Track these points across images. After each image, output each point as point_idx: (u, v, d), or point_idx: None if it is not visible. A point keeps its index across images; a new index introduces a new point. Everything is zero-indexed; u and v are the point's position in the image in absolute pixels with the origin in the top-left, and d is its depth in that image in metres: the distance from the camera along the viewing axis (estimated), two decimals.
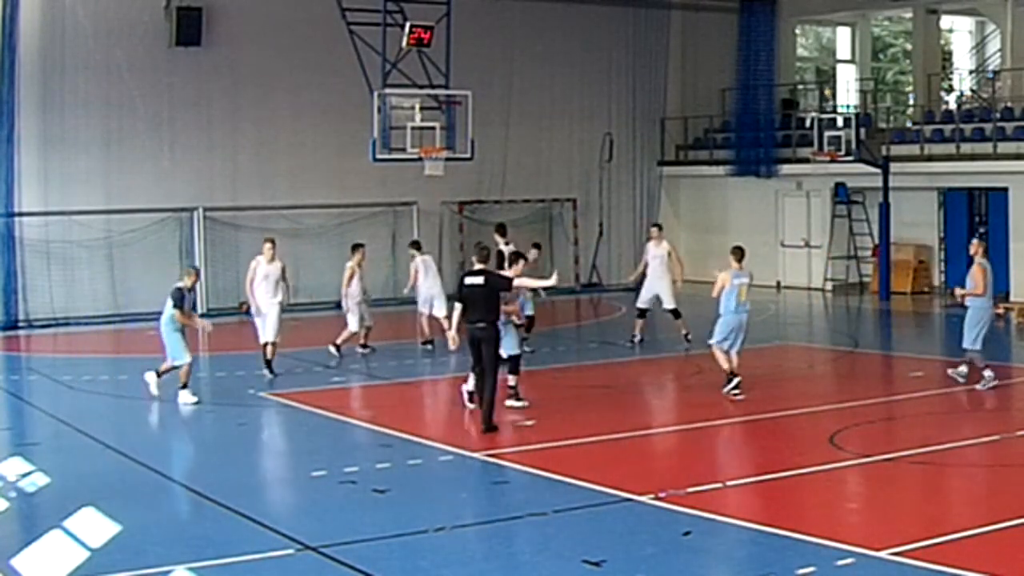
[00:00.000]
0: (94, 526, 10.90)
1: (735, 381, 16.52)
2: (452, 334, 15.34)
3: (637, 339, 21.07)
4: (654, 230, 22.22)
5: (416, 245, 22.27)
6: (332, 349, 20.43)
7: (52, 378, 19.14)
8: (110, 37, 26.31)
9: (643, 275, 21.65)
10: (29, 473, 12.98)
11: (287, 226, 28.24)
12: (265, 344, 18.74)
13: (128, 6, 26.57)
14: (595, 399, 17.35)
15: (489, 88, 28.56)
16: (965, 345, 17.52)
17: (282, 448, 14.54)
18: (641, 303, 21.41)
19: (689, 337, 20.63)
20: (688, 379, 18.84)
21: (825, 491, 12.15)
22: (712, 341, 17.02)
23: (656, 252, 21.30)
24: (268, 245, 18.92)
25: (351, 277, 20.57)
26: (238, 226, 27.72)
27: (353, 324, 20.59)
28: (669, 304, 20.95)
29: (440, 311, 20.77)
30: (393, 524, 10.77)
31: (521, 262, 16.10)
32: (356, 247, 21.14)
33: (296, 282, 27.97)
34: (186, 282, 16.83)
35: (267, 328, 18.69)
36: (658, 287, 21.19)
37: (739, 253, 17.27)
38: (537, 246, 21.68)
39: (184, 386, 16.69)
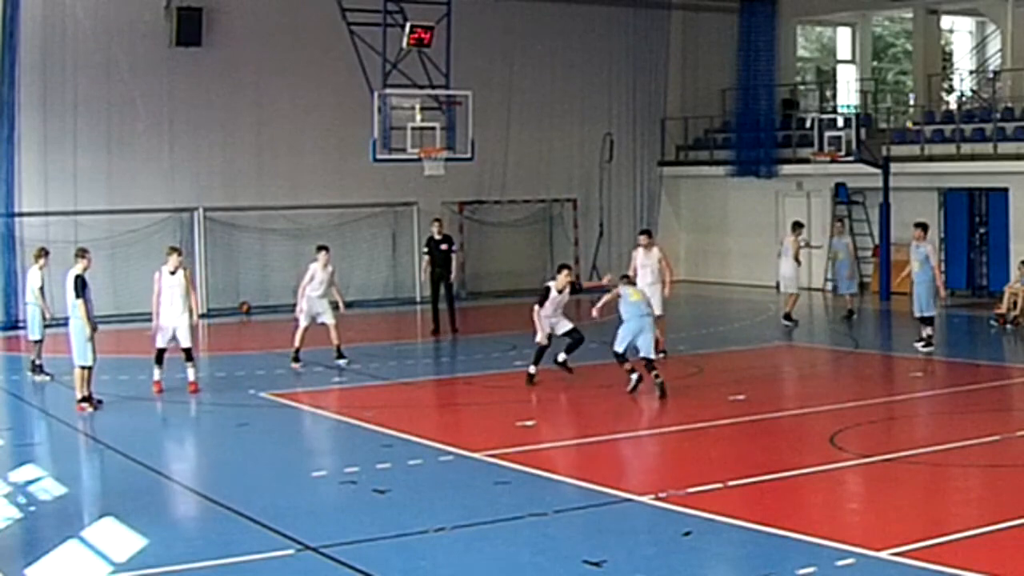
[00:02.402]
0: (94, 527, 10.91)
1: (634, 378, 16.97)
2: None
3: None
4: (643, 237, 20.99)
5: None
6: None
7: (53, 378, 19.11)
8: (110, 37, 26.33)
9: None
10: (37, 479, 12.97)
11: (287, 226, 28.27)
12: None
13: (128, 6, 26.58)
14: (595, 399, 17.34)
15: (489, 88, 28.56)
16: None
17: (282, 448, 14.53)
18: None
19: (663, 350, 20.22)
20: (688, 379, 18.82)
21: (825, 491, 12.15)
22: (616, 348, 17.12)
23: (646, 260, 20.37)
24: (323, 253, 20.06)
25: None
26: (238, 226, 27.73)
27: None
28: (657, 311, 20.38)
29: None
30: (393, 524, 10.77)
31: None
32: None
33: (296, 282, 28.07)
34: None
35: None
36: (649, 294, 20.60)
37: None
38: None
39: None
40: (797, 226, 25.69)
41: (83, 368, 16.47)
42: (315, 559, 9.90)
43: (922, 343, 20.55)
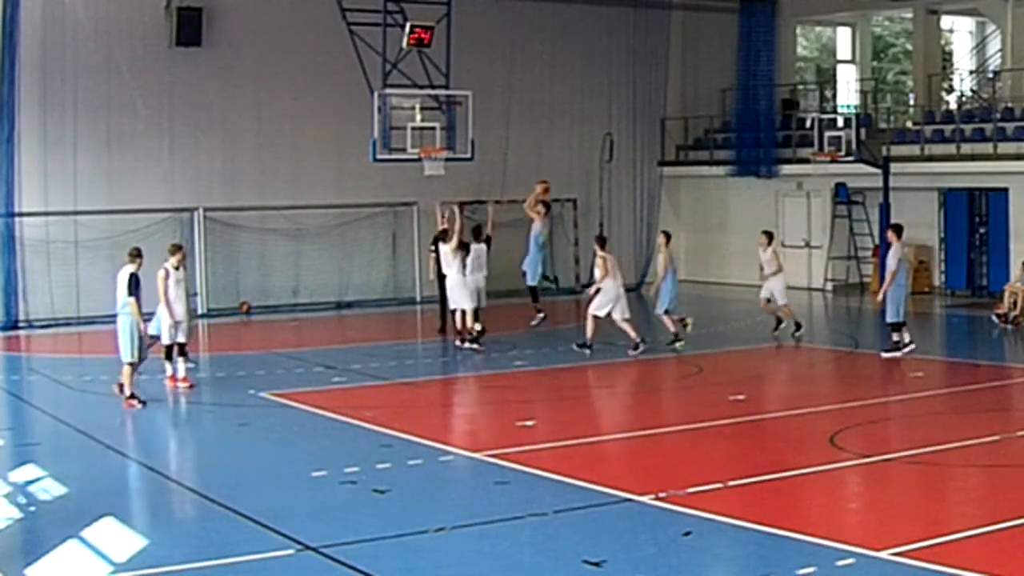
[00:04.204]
0: (94, 527, 10.90)
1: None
2: None
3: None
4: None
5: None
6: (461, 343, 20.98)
7: (52, 378, 19.13)
8: (110, 37, 26.32)
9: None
10: (37, 479, 12.98)
11: (287, 226, 28.27)
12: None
13: (128, 6, 26.58)
14: (595, 399, 17.34)
15: (489, 88, 28.57)
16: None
17: (282, 448, 14.53)
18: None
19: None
20: (688, 379, 18.84)
21: (825, 491, 12.15)
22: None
23: (597, 264, 21.10)
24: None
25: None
26: (238, 226, 27.73)
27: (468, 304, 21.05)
28: (598, 312, 20.77)
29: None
30: (393, 524, 10.77)
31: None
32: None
33: (296, 282, 28.07)
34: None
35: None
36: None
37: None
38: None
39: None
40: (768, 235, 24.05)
41: (130, 365, 16.51)
42: (315, 559, 9.90)
43: (892, 352, 19.79)
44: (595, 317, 20.41)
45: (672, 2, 32.91)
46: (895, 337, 19.96)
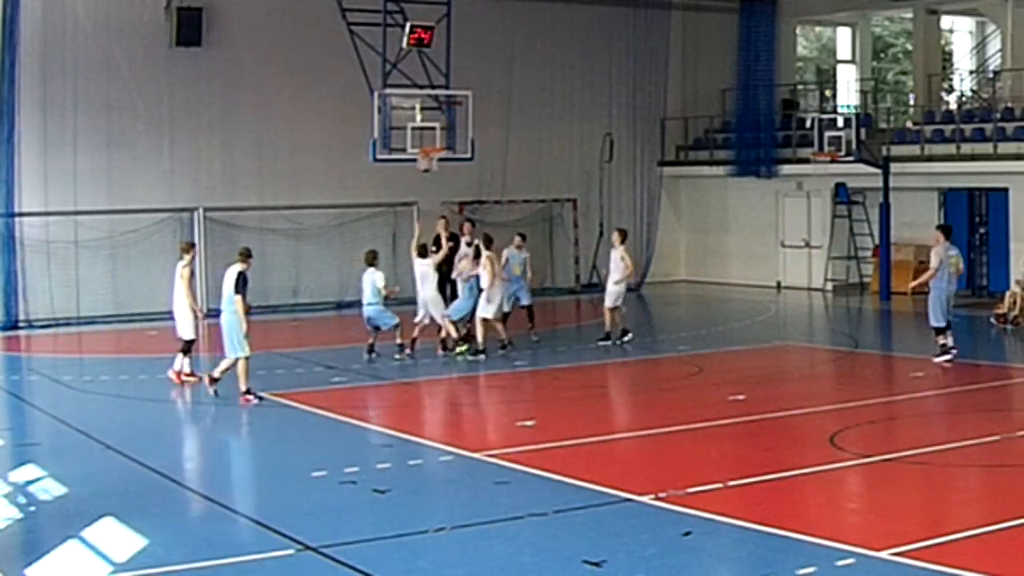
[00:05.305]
0: (94, 527, 10.91)
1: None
2: None
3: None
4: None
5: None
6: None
7: (52, 378, 19.12)
8: (110, 37, 26.34)
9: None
10: (37, 479, 12.98)
11: (287, 226, 28.27)
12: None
13: (128, 6, 26.58)
14: (595, 399, 17.34)
15: (489, 88, 28.56)
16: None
17: (282, 448, 14.54)
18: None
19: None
20: (688, 379, 18.83)
21: (825, 491, 12.15)
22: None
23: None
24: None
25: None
26: (238, 226, 27.72)
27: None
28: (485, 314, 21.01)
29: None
30: (393, 524, 10.77)
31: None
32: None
33: (296, 282, 28.13)
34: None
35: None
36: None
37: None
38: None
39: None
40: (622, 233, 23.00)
41: (244, 359, 16.73)
42: (315, 559, 9.90)
43: (943, 356, 19.17)
44: (484, 320, 20.59)
45: (672, 2, 32.92)
46: (941, 340, 19.16)
